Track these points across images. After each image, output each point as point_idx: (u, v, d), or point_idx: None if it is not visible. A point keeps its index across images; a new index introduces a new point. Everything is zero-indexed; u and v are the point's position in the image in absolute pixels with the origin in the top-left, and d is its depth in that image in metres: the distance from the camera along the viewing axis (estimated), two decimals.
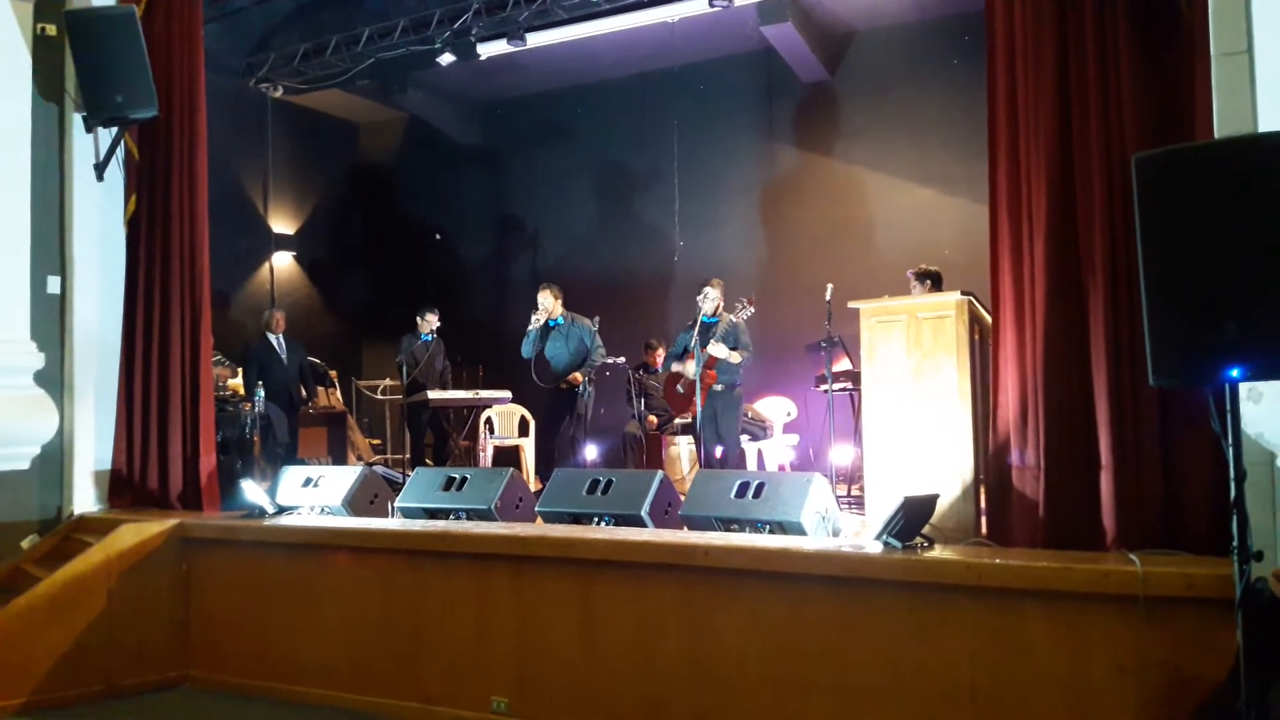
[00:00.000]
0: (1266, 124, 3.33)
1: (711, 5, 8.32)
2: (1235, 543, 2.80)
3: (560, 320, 7.78)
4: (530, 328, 7.72)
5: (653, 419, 8.65)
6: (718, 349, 6.88)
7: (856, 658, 3.69)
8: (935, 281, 6.59)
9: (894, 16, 9.45)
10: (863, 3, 9.26)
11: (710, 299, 7.12)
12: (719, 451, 7.27)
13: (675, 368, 7.39)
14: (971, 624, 3.50)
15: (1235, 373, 2.72)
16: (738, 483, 4.61)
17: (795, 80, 10.11)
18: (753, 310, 6.96)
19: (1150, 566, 3.25)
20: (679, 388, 7.30)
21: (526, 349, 7.77)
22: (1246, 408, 3.17)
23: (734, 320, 7.06)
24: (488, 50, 9.69)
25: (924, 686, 3.56)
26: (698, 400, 6.78)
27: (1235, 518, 2.79)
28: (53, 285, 5.87)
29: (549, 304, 7.74)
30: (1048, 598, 3.38)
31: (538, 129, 11.81)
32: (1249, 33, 3.43)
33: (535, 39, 9.41)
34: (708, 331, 7.05)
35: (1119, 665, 3.25)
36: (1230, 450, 2.83)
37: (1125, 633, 3.24)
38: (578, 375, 7.75)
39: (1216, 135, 3.44)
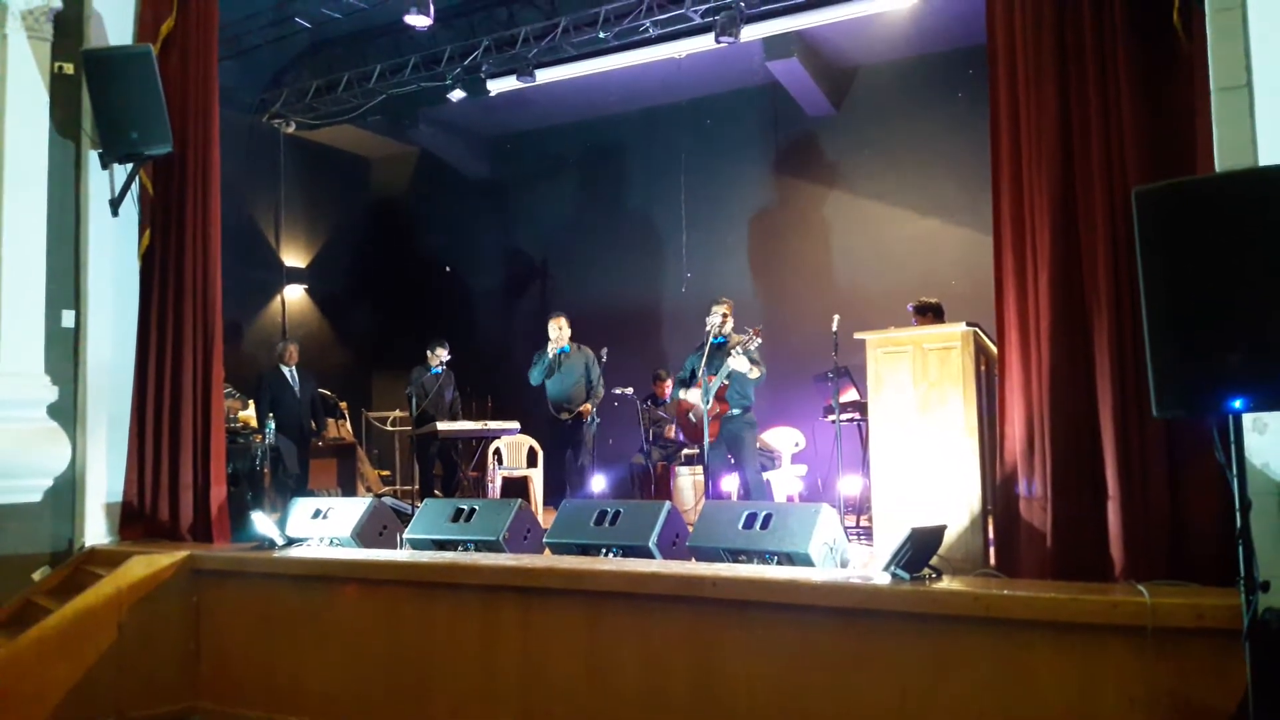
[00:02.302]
0: (1267, 157, 3.37)
1: (718, 41, 8.42)
2: (1241, 574, 2.80)
3: (566, 349, 7.86)
4: (542, 354, 7.83)
5: (665, 444, 8.66)
6: (739, 362, 6.72)
7: (864, 689, 3.68)
8: (936, 314, 6.59)
9: (898, 51, 9.56)
10: (867, 38, 9.36)
11: (717, 316, 6.95)
12: (733, 481, 7.14)
13: (683, 395, 7.17)
14: (979, 656, 3.49)
15: (1239, 403, 2.74)
16: (745, 514, 4.61)
17: (801, 114, 10.22)
18: (760, 341, 6.92)
19: (1159, 597, 3.24)
20: (691, 416, 7.11)
21: (535, 376, 7.87)
22: (1251, 438, 3.18)
23: (745, 341, 6.88)
24: (498, 86, 9.84)
25: (932, 718, 3.54)
26: (706, 433, 6.73)
27: (1241, 548, 2.79)
28: (67, 319, 5.93)
29: (554, 333, 7.83)
30: (1056, 629, 3.36)
31: (547, 163, 11.94)
32: (1248, 67, 3.47)
33: (544, 75, 9.56)
34: (717, 353, 6.93)
35: (1128, 697, 3.23)
36: (1235, 481, 2.84)
37: (1134, 664, 3.22)
38: (587, 406, 7.80)
39: (1217, 168, 3.48)
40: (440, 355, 8.77)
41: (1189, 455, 3.62)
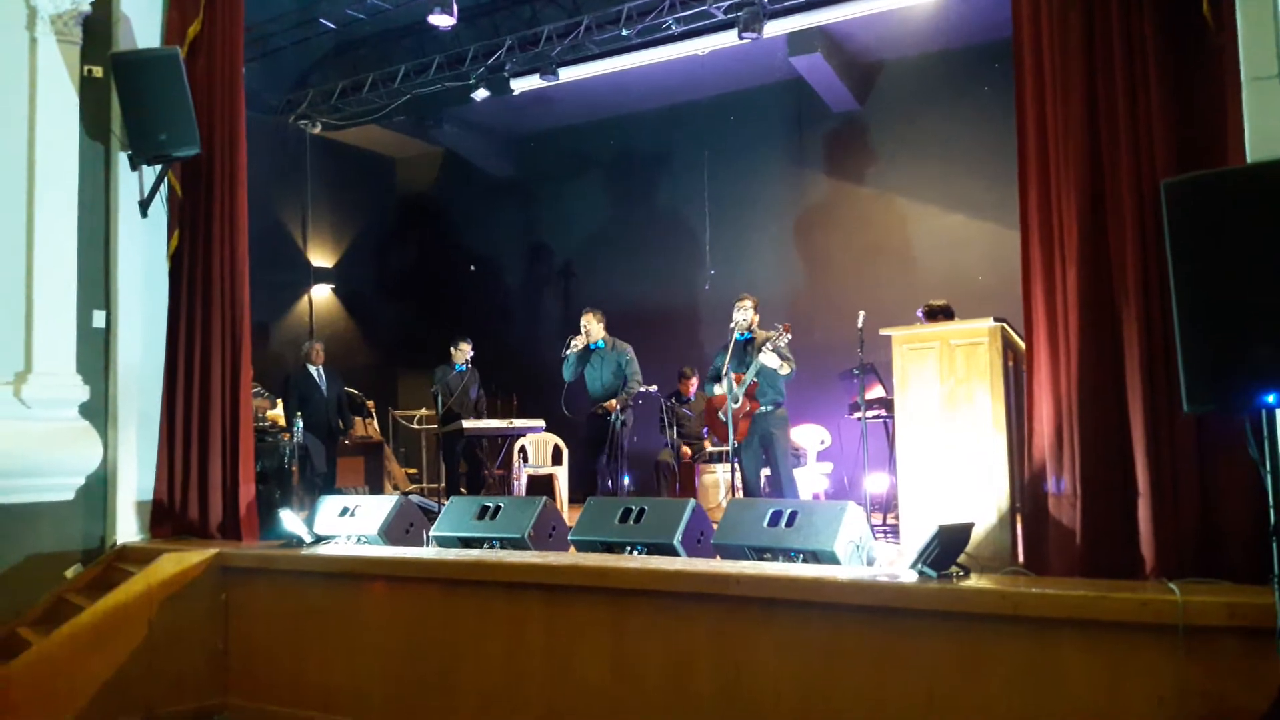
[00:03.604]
0: None
1: (741, 37, 8.39)
2: (1275, 571, 2.76)
3: (601, 344, 7.78)
4: (567, 351, 7.70)
5: (686, 450, 8.64)
6: (769, 358, 6.63)
7: (891, 688, 3.65)
8: (947, 316, 6.48)
9: (923, 45, 9.49)
10: (892, 32, 9.29)
11: (743, 313, 6.88)
12: (764, 479, 7.09)
13: (717, 390, 7.00)
14: (1008, 654, 3.46)
15: (1271, 398, 2.70)
16: (770, 511, 4.59)
17: (825, 109, 10.17)
18: (790, 336, 6.85)
19: (1190, 595, 3.19)
20: (721, 414, 6.95)
21: (567, 372, 7.77)
22: None
23: (775, 337, 6.77)
24: (521, 85, 9.86)
25: (959, 717, 3.51)
26: (731, 431, 6.69)
27: (1275, 545, 2.75)
28: (98, 319, 6.01)
29: (591, 327, 7.75)
30: (1085, 627, 3.33)
31: (570, 161, 11.95)
32: None
33: (567, 73, 9.57)
34: (743, 350, 6.89)
35: (1158, 696, 3.19)
36: (1268, 476, 2.80)
37: (1164, 663, 3.18)
38: (613, 402, 7.75)
39: (1249, 159, 3.43)
40: (464, 351, 8.79)
41: (1221, 451, 3.57)
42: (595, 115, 11.33)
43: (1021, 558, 4.20)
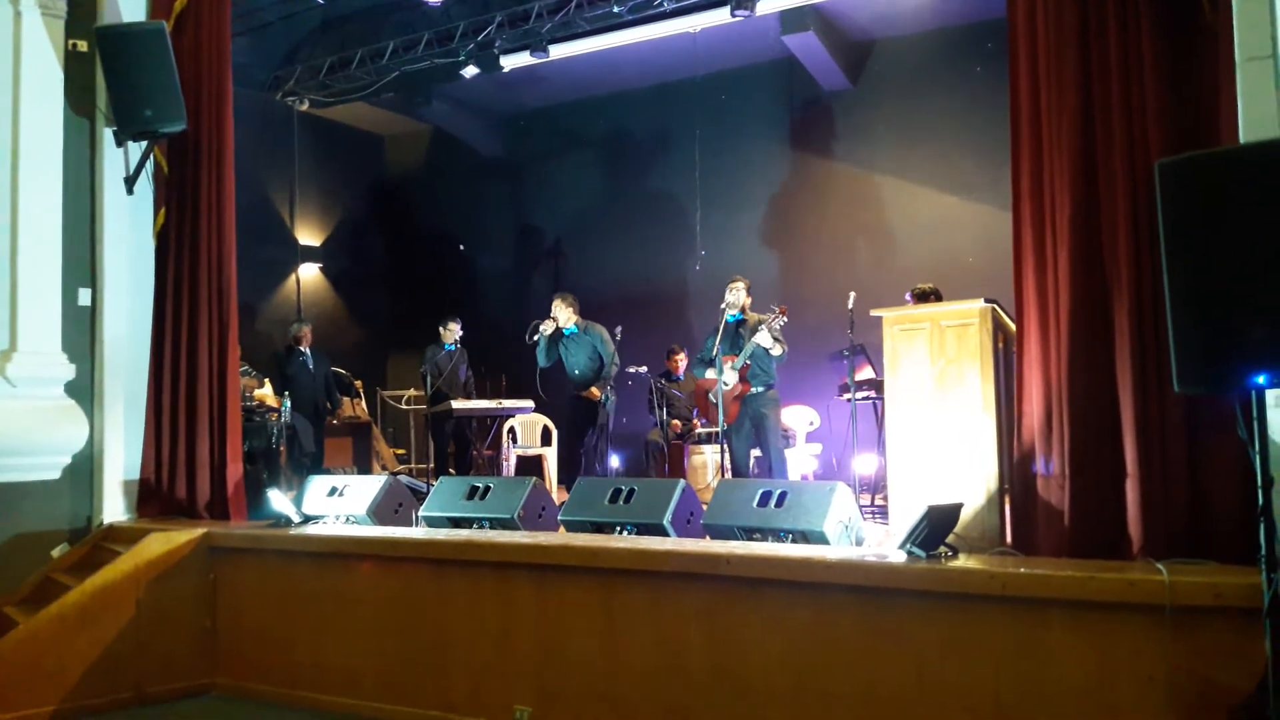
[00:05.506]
0: None
1: (733, 15, 8.34)
2: (1262, 551, 2.77)
3: (574, 329, 7.83)
4: (535, 337, 7.76)
5: (676, 423, 8.64)
6: (764, 338, 6.61)
7: (880, 667, 3.67)
8: (937, 299, 6.48)
9: (916, 25, 9.45)
10: (884, 11, 9.25)
11: (736, 294, 6.89)
12: (754, 460, 7.09)
13: (709, 374, 7.00)
14: (996, 634, 3.47)
15: (1261, 379, 2.71)
16: (760, 492, 4.60)
17: (817, 89, 10.12)
18: (785, 319, 6.83)
19: (1177, 576, 3.21)
20: (711, 396, 6.96)
21: (541, 358, 7.84)
22: (1274, 414, 3.15)
23: (770, 320, 6.78)
24: (511, 62, 9.78)
25: (948, 697, 3.53)
26: (721, 414, 6.68)
27: (1262, 526, 2.76)
28: (83, 297, 5.96)
29: (560, 313, 7.78)
30: (1073, 607, 3.34)
31: (560, 140, 11.88)
32: (1274, 37, 3.42)
33: (558, 50, 9.49)
34: (734, 331, 6.89)
35: (1146, 676, 3.21)
36: (1257, 458, 2.81)
37: (1152, 643, 3.20)
38: (595, 390, 7.76)
39: (1242, 140, 3.42)
40: (453, 330, 8.77)
41: (1210, 432, 3.59)
42: (586, 93, 11.25)
43: (1010, 538, 4.22)
